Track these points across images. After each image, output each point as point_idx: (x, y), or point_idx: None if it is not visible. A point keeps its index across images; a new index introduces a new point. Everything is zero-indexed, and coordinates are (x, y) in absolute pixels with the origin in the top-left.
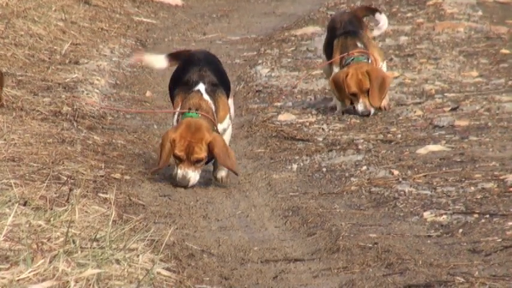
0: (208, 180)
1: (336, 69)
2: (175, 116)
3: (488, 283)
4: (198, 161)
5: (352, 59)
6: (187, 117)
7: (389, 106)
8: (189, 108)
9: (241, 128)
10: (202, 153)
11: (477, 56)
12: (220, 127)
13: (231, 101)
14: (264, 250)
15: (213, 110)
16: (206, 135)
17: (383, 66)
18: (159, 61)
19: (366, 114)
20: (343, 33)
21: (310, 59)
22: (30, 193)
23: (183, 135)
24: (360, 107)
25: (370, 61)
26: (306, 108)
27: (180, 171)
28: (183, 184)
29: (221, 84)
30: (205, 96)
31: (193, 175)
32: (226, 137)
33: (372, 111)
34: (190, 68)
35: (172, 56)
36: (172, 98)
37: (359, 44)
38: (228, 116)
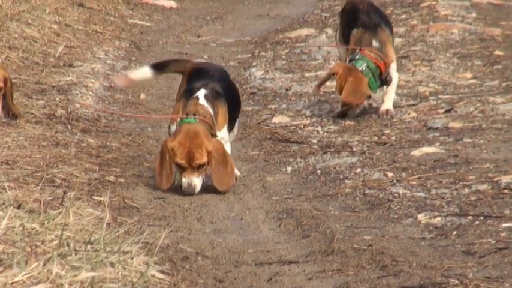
0: (202, 183)
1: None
2: (175, 123)
3: (482, 285)
4: (201, 166)
5: (356, 57)
6: (185, 124)
7: (388, 112)
8: (187, 114)
9: None
10: (203, 158)
11: (471, 57)
12: (218, 135)
13: (236, 124)
14: (259, 252)
15: (211, 114)
16: (205, 141)
17: (393, 66)
18: (145, 72)
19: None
20: (363, 25)
21: (304, 61)
22: (24, 196)
23: (181, 143)
24: (339, 108)
25: (370, 66)
26: (300, 110)
27: (184, 180)
28: (190, 192)
29: (227, 98)
30: (202, 101)
31: (198, 181)
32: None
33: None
34: (199, 80)
35: (158, 66)
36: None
37: (375, 42)
38: (226, 125)
